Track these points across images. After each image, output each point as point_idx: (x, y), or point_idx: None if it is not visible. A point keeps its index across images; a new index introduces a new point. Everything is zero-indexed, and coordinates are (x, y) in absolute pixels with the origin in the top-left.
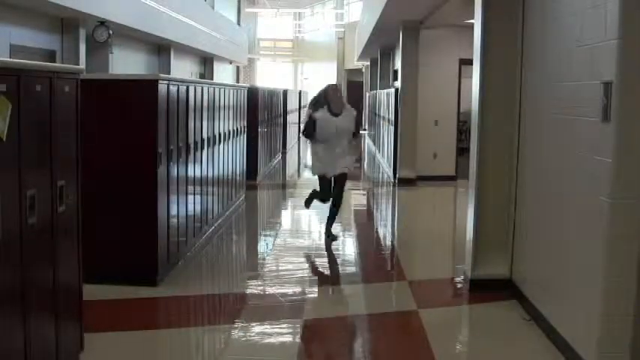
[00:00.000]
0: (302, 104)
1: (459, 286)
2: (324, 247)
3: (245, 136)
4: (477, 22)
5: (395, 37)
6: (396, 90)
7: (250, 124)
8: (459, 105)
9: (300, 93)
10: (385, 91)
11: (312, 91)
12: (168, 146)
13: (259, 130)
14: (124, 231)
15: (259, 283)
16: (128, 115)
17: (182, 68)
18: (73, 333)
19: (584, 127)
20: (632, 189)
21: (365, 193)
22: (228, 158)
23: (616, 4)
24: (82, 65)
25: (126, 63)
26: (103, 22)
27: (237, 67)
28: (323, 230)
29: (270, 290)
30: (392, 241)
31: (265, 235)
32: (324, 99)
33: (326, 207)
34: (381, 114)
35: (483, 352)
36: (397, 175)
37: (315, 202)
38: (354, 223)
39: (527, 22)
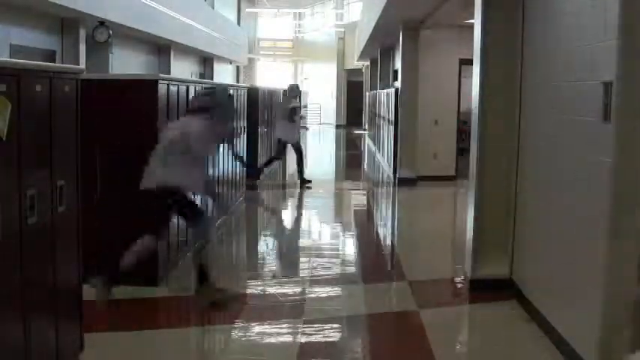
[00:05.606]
0: (302, 104)
1: (459, 286)
2: (324, 247)
3: (245, 136)
4: (477, 22)
5: (395, 37)
6: (396, 90)
7: (250, 124)
8: (459, 105)
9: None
10: (385, 91)
11: (312, 91)
12: None
13: (259, 130)
14: (124, 231)
15: (259, 283)
16: (128, 115)
17: (182, 68)
18: (73, 333)
19: (584, 127)
20: (632, 189)
21: (365, 193)
22: (228, 158)
23: (616, 4)
24: (82, 65)
25: (126, 63)
26: (103, 22)
27: (237, 67)
28: (323, 230)
29: (270, 290)
30: (392, 241)
31: (265, 235)
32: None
33: (325, 205)
34: (381, 114)
35: (483, 353)
36: (397, 175)
37: (314, 203)
38: (354, 223)
39: (527, 22)
